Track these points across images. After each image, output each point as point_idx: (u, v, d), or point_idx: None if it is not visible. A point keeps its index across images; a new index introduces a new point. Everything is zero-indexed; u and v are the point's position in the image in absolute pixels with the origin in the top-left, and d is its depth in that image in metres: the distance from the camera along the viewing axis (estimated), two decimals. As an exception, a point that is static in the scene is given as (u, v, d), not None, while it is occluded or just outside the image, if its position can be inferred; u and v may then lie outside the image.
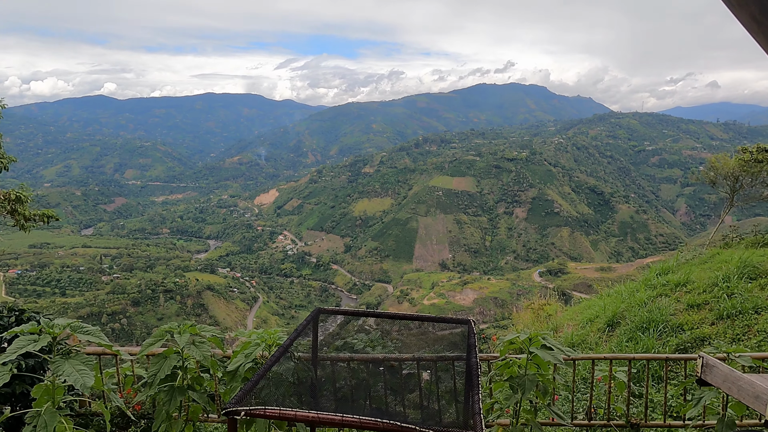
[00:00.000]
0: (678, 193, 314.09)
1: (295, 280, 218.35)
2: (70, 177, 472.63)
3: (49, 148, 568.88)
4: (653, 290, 9.41)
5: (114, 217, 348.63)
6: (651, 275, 10.36)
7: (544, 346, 6.57)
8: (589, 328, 9.53)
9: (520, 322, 12.06)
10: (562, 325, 10.84)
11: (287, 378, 5.17)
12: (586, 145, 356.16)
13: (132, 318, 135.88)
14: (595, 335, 9.13)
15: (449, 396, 5.91)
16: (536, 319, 11.91)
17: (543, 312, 12.06)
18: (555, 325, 10.92)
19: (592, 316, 9.89)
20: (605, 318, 9.29)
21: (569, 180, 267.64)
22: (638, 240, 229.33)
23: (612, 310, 9.25)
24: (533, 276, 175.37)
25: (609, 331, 9.07)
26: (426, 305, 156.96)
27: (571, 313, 11.47)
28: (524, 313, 12.40)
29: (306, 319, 5.56)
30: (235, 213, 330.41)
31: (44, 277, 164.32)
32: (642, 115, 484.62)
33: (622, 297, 10.09)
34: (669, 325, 8.01)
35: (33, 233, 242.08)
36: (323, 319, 6.27)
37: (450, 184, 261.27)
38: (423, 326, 6.61)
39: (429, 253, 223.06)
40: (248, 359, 6.46)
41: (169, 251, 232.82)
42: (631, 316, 8.67)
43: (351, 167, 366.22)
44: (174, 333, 6.64)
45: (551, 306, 12.51)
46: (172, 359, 6.49)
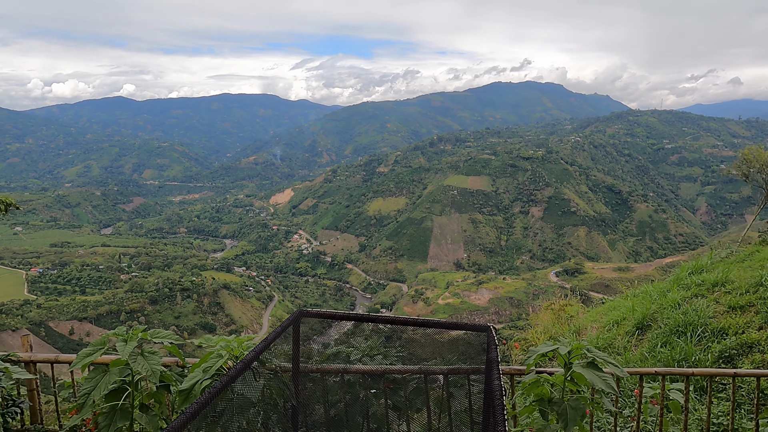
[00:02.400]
0: (698, 191, 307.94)
1: (310, 279, 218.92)
2: (90, 177, 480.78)
3: (69, 149, 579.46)
4: (687, 290, 8.64)
5: (132, 216, 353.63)
6: (682, 274, 9.53)
7: (591, 364, 5.09)
8: (616, 330, 8.81)
9: (538, 324, 11.41)
10: (585, 327, 10.15)
11: (252, 400, 4.05)
12: (603, 143, 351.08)
13: (150, 316, 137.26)
14: (623, 339, 8.41)
15: (464, 417, 4.86)
16: (557, 320, 11.25)
17: (564, 313, 11.39)
18: (577, 327, 10.23)
19: (619, 318, 9.18)
20: (634, 320, 8.56)
21: (586, 179, 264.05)
22: (657, 240, 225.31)
23: (641, 312, 8.51)
24: (549, 276, 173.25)
25: (639, 335, 8.38)
26: (441, 305, 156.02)
27: (594, 315, 10.76)
28: (543, 314, 11.76)
29: (282, 324, 4.51)
30: (250, 212, 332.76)
31: (65, 276, 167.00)
32: (661, 113, 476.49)
33: (651, 297, 9.34)
34: (709, 329, 7.22)
35: (54, 232, 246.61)
36: (306, 324, 5.18)
37: (465, 183, 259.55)
38: (432, 333, 5.25)
39: (444, 252, 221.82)
40: (207, 375, 5.01)
41: (186, 250, 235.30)
42: (663, 319, 7.90)
43: (366, 167, 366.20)
44: (118, 341, 5.41)
45: (572, 307, 11.83)
46: (114, 374, 5.28)
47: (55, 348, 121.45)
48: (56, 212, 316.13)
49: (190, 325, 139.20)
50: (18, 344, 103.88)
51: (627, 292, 11.19)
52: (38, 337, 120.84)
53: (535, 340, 10.21)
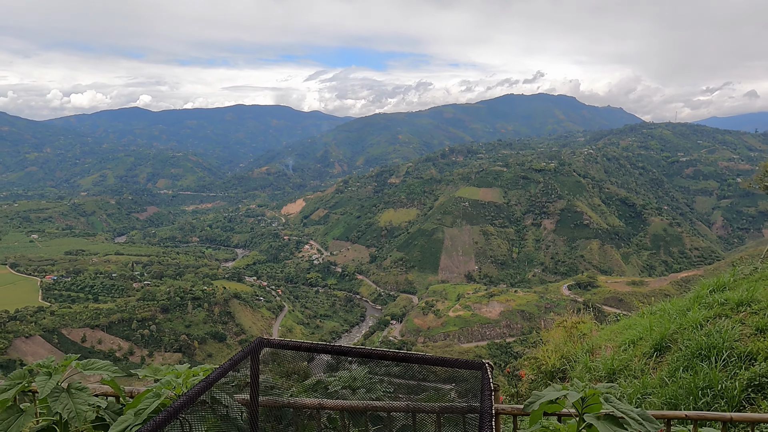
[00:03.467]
0: (714, 205, 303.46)
1: (321, 289, 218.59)
2: (106, 186, 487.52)
3: (86, 158, 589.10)
4: (709, 309, 8.08)
5: (146, 225, 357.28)
6: (703, 291, 8.94)
7: (610, 417, 4.03)
8: (632, 351, 8.29)
9: (550, 341, 10.93)
10: (599, 346, 9.65)
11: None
12: (616, 155, 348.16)
13: (161, 324, 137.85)
14: (640, 361, 7.87)
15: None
16: (569, 338, 10.76)
17: (576, 330, 10.90)
18: (590, 346, 9.73)
19: (635, 338, 8.65)
20: (652, 341, 8.01)
21: (599, 191, 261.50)
22: (672, 253, 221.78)
23: (659, 332, 7.96)
24: (562, 289, 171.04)
25: (657, 357, 7.84)
26: (451, 317, 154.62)
27: (608, 333, 10.24)
28: (555, 331, 11.26)
29: (234, 357, 3.66)
30: (262, 222, 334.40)
31: (78, 283, 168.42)
32: (675, 126, 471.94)
33: (669, 316, 8.80)
34: (735, 353, 6.62)
35: (69, 240, 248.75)
36: (271, 355, 4.26)
37: (476, 194, 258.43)
38: (421, 368, 4.38)
39: (455, 264, 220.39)
40: (139, 419, 4.13)
41: (198, 259, 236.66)
42: (684, 340, 7.33)
43: (377, 177, 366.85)
44: (41, 374, 4.44)
45: (585, 324, 11.33)
46: (30, 413, 4.41)
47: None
48: (72, 220, 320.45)
49: (201, 333, 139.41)
50: (32, 350, 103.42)
51: (643, 310, 10.64)
52: (51, 344, 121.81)
53: (546, 360, 9.73)
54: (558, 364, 9.55)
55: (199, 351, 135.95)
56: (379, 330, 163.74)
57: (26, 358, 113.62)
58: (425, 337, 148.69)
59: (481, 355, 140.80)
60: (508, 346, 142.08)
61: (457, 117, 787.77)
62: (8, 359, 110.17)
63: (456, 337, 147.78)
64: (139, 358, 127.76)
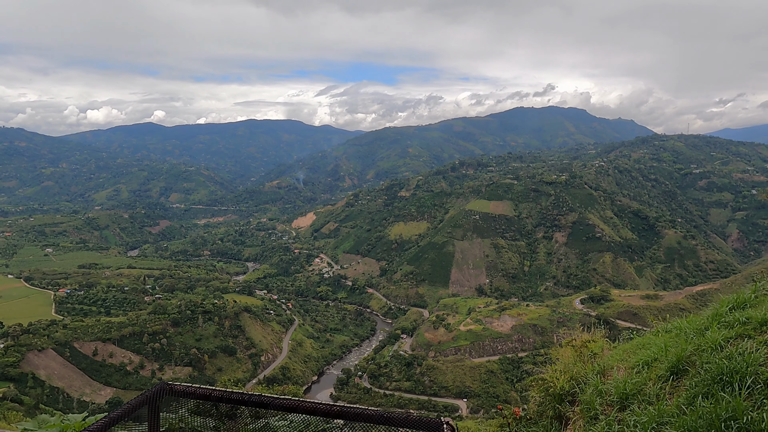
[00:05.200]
0: (729, 217, 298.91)
1: (331, 303, 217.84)
2: (119, 200, 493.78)
3: (100, 173, 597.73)
4: (729, 329, 7.49)
5: (158, 238, 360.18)
6: (722, 309, 8.33)
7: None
8: (647, 374, 7.72)
9: (560, 360, 10.40)
10: (611, 366, 9.10)
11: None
12: (628, 168, 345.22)
13: (172, 338, 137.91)
14: (655, 385, 7.30)
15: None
16: (579, 357, 10.23)
17: (587, 350, 10.38)
18: (602, 366, 9.20)
19: (649, 359, 8.08)
20: (667, 363, 7.43)
21: (611, 204, 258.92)
22: (686, 267, 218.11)
23: (675, 353, 7.37)
24: (574, 303, 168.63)
25: (674, 381, 7.29)
26: (462, 331, 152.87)
27: (621, 353, 9.68)
28: (565, 349, 10.74)
29: (129, 404, 3.11)
30: (273, 236, 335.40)
31: (91, 297, 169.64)
32: (688, 138, 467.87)
33: (685, 335, 8.26)
34: (761, 378, 6.00)
35: (83, 254, 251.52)
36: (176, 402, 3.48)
37: (487, 207, 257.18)
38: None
39: (465, 277, 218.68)
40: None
41: (209, 273, 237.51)
42: (702, 363, 6.75)
43: (387, 191, 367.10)
44: None
45: (596, 343, 10.80)
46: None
47: (79, 369, 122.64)
48: (86, 234, 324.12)
49: (211, 347, 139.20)
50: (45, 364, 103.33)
51: (657, 327, 10.07)
52: (63, 358, 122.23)
53: (554, 382, 9.21)
54: (567, 386, 9.01)
55: (209, 365, 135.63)
56: (390, 344, 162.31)
57: (38, 371, 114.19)
58: (436, 352, 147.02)
59: (493, 370, 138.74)
60: (520, 361, 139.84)
61: (467, 130, 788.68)
62: (21, 372, 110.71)
63: (467, 352, 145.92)
64: (150, 371, 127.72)
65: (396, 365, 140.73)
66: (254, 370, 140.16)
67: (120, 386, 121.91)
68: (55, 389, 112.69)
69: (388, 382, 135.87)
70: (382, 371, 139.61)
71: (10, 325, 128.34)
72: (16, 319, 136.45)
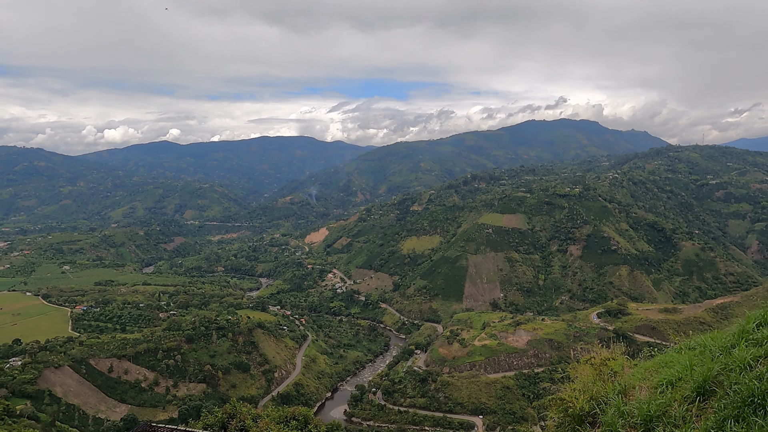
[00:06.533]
0: (748, 229, 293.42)
1: (344, 318, 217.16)
2: (135, 218, 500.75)
3: (117, 191, 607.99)
4: (758, 347, 7.15)
5: (173, 255, 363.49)
6: (749, 326, 7.95)
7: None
8: (671, 394, 7.41)
9: (579, 378, 10.14)
10: (633, 386, 8.81)
11: None
12: (642, 179, 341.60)
13: (186, 354, 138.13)
14: (681, 406, 6.98)
15: None
16: (598, 376, 9.94)
17: (606, 368, 10.09)
18: (623, 386, 8.90)
19: (673, 378, 7.75)
20: (693, 383, 7.10)
21: (626, 216, 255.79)
22: (705, 279, 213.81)
23: (701, 373, 7.05)
24: (591, 317, 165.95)
25: (700, 402, 6.97)
26: (477, 346, 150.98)
27: (642, 371, 9.37)
28: (583, 367, 10.46)
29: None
30: (286, 251, 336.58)
31: (107, 314, 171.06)
32: (703, 148, 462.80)
33: (711, 353, 7.94)
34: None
35: (99, 271, 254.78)
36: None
37: (500, 221, 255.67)
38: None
39: (479, 292, 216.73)
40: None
41: (222, 289, 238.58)
42: (731, 384, 6.46)
43: (399, 205, 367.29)
44: None
45: (616, 360, 10.50)
46: None
47: (95, 386, 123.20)
48: (102, 251, 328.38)
49: (225, 364, 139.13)
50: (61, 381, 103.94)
51: (680, 344, 9.77)
52: (79, 375, 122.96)
53: (573, 401, 8.94)
54: (587, 406, 8.73)
55: (223, 381, 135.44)
56: (404, 360, 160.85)
57: (55, 388, 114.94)
58: (450, 367, 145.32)
59: (509, 386, 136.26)
60: (536, 377, 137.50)
61: (478, 144, 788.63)
62: (38, 389, 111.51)
63: (482, 367, 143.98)
64: (164, 388, 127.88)
65: (410, 381, 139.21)
66: (268, 387, 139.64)
67: (135, 403, 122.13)
68: (71, 406, 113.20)
69: (402, 399, 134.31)
70: (397, 387, 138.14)
71: (27, 342, 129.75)
72: (33, 336, 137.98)
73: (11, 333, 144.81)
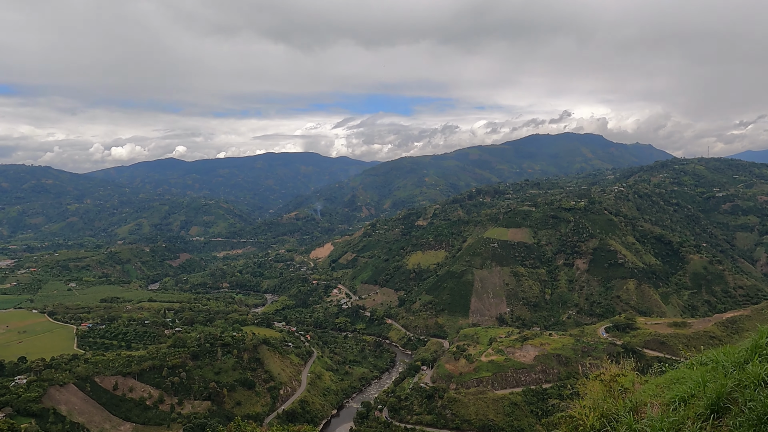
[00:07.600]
0: (756, 241, 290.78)
1: (350, 334, 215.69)
2: (141, 234, 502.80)
3: (123, 208, 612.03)
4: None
5: (178, 271, 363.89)
6: (762, 340, 7.76)
7: None
8: (684, 412, 7.20)
9: (588, 395, 9.93)
10: (644, 403, 8.60)
11: None
12: (648, 192, 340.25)
13: (191, 371, 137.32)
14: (695, 424, 6.77)
15: None
16: (608, 393, 9.73)
17: (616, 384, 9.88)
18: (634, 403, 8.70)
19: (686, 394, 7.54)
20: (706, 399, 6.90)
21: (633, 229, 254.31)
22: (714, 293, 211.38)
23: (715, 389, 6.85)
24: (598, 332, 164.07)
25: (714, 419, 6.76)
26: (484, 362, 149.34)
27: (653, 387, 9.16)
28: (592, 384, 10.24)
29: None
30: (291, 267, 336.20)
31: (112, 331, 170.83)
32: (709, 161, 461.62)
33: (724, 369, 7.74)
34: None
35: (105, 288, 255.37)
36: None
37: (505, 235, 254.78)
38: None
39: (485, 306, 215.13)
40: None
41: (228, 305, 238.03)
42: (746, 401, 6.26)
43: (404, 220, 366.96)
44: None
45: (626, 376, 10.29)
46: None
47: (99, 404, 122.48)
48: (108, 268, 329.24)
49: (230, 381, 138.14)
50: (66, 399, 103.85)
51: (692, 360, 9.57)
52: (84, 393, 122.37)
53: (584, 419, 8.74)
54: (597, 424, 8.53)
55: (228, 399, 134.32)
56: (410, 376, 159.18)
57: (59, 406, 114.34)
58: (457, 383, 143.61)
59: (517, 402, 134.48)
60: (544, 393, 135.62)
61: (483, 158, 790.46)
62: (42, 408, 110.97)
63: (490, 383, 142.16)
64: (169, 406, 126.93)
65: (417, 398, 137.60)
66: (273, 404, 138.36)
67: (139, 421, 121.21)
68: (76, 425, 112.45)
69: (408, 416, 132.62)
70: (403, 404, 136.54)
71: (33, 360, 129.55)
72: (39, 353, 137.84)
73: (17, 351, 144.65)
